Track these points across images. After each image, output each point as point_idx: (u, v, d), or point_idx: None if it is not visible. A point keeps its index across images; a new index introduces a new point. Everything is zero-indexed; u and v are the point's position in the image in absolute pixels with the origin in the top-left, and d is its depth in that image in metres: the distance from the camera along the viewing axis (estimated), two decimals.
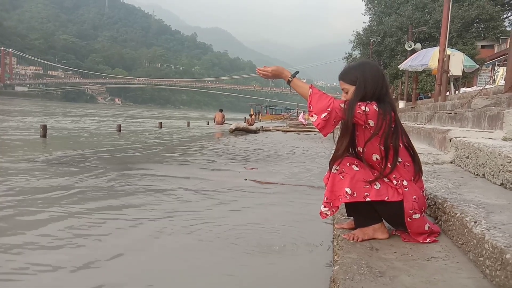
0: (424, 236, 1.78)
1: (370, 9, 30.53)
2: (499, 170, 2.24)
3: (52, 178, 4.03)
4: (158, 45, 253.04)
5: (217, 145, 9.32)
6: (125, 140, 9.67)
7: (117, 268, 1.87)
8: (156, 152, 7.09)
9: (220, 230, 2.47)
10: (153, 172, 4.66)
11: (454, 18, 20.55)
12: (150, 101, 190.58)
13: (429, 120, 6.83)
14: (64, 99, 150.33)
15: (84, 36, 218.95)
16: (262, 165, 5.94)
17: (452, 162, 3.28)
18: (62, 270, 1.81)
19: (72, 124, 15.55)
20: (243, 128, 15.12)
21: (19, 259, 1.92)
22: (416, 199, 1.77)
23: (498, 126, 3.64)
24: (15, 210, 2.75)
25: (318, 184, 4.23)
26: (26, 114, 22.28)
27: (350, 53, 32.48)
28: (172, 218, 2.74)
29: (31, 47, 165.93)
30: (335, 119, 1.84)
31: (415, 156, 1.90)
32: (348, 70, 1.95)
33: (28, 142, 7.86)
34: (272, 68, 2.05)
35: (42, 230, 2.35)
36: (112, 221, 2.61)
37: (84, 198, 3.22)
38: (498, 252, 1.25)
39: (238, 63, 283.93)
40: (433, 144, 4.51)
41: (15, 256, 1.95)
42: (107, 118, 23.99)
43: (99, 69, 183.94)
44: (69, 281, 1.73)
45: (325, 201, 1.85)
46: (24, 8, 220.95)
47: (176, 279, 1.80)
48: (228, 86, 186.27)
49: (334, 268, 1.54)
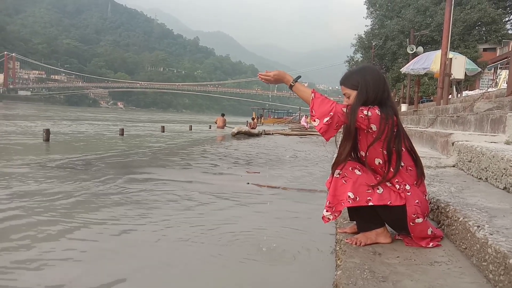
0: (427, 240, 1.77)
1: (372, 12, 30.61)
2: (502, 174, 2.24)
3: (54, 182, 4.04)
4: (161, 49, 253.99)
5: (220, 149, 9.33)
6: (128, 144, 9.69)
7: (112, 273, 1.87)
8: (158, 156, 7.10)
9: (222, 235, 2.47)
10: (155, 176, 4.67)
11: (456, 21, 20.57)
12: (152, 105, 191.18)
13: (431, 123, 6.82)
14: (67, 103, 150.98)
15: (86, 40, 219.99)
16: (264, 169, 5.94)
17: (455, 166, 3.27)
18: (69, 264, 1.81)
19: (75, 128, 15.60)
20: (245, 131, 15.14)
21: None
22: (418, 203, 1.77)
23: (501, 130, 3.63)
24: (26, 217, 2.76)
25: (320, 188, 4.23)
26: (29, 119, 22.36)
27: (352, 57, 32.55)
28: (173, 222, 2.74)
29: (34, 51, 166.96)
30: (338, 123, 1.84)
31: (418, 160, 1.90)
32: (349, 75, 1.95)
33: (31, 146, 7.89)
34: (274, 72, 2.05)
35: (48, 238, 2.36)
36: (110, 226, 2.61)
37: (85, 203, 3.22)
38: (502, 257, 1.24)
39: (240, 66, 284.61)
40: (435, 147, 4.50)
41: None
42: (109, 122, 24.05)
43: (102, 73, 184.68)
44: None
45: (328, 205, 1.85)
46: (27, 13, 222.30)
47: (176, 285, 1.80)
48: (230, 89, 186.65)
49: (337, 272, 1.54)
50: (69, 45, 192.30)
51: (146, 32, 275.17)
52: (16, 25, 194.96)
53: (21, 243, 2.19)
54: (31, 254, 2.05)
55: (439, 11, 23.15)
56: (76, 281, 1.75)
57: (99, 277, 1.80)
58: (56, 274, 1.82)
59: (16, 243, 2.19)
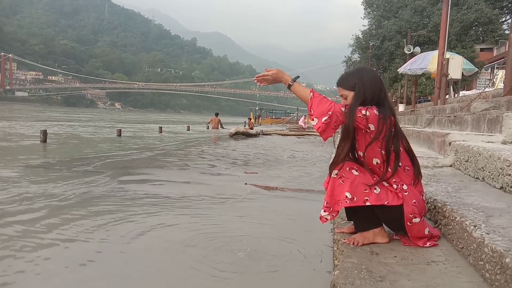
0: (424, 240, 1.78)
1: (369, 13, 30.67)
2: (499, 173, 2.25)
3: (51, 183, 4.02)
4: (158, 50, 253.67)
5: (217, 149, 9.32)
6: (126, 145, 9.67)
7: (104, 277, 1.87)
8: (156, 157, 7.09)
9: (220, 235, 2.47)
10: (153, 177, 4.66)
11: (453, 22, 20.63)
12: (150, 105, 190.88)
13: (428, 123, 6.84)
14: (64, 104, 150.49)
15: (84, 41, 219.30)
16: (262, 169, 5.94)
17: (452, 166, 3.28)
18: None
19: (72, 129, 15.56)
20: (243, 132, 15.14)
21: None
22: (416, 203, 1.78)
23: (498, 130, 3.65)
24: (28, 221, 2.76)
25: (318, 188, 4.23)
26: (27, 119, 22.29)
27: (350, 57, 32.62)
28: (171, 224, 2.74)
29: (31, 52, 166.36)
30: (336, 123, 1.85)
31: (415, 160, 1.91)
32: (346, 77, 1.96)
33: (28, 147, 7.87)
34: (272, 72, 2.06)
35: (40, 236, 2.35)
36: (104, 227, 2.61)
37: (82, 203, 3.21)
38: (498, 256, 1.25)
39: (237, 67, 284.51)
40: (432, 147, 4.52)
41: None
42: (107, 123, 23.99)
43: (99, 74, 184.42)
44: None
45: (325, 205, 1.85)
46: (24, 14, 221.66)
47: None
48: (228, 90, 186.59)
49: (335, 272, 1.54)
50: (66, 46, 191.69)
51: (143, 32, 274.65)
52: (13, 26, 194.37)
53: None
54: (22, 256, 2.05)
55: (436, 12, 23.23)
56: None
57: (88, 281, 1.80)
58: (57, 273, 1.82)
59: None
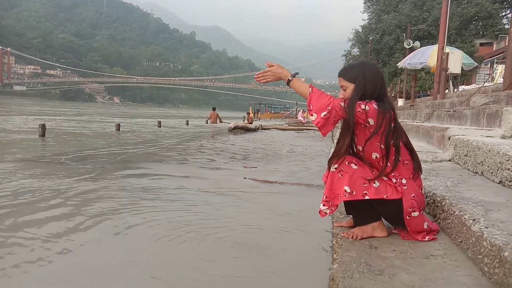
0: (423, 234, 1.78)
1: (369, 7, 30.58)
2: (498, 168, 2.25)
3: (49, 177, 4.02)
4: (157, 44, 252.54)
5: (216, 143, 9.32)
6: (124, 139, 9.66)
7: (106, 269, 1.87)
8: (155, 151, 7.09)
9: (219, 230, 2.47)
10: (152, 172, 4.66)
11: (452, 16, 20.57)
12: (149, 99, 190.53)
13: (428, 118, 6.84)
14: (62, 98, 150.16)
15: (82, 35, 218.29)
16: (261, 164, 5.94)
17: (451, 160, 3.29)
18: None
19: (71, 124, 15.52)
20: (242, 126, 15.13)
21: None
22: (415, 197, 1.78)
23: (497, 124, 3.64)
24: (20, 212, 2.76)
25: (317, 182, 4.24)
26: (25, 114, 22.23)
27: (349, 51, 32.53)
28: (170, 218, 2.74)
29: (29, 46, 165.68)
30: (335, 117, 1.84)
31: (414, 154, 1.90)
32: (349, 68, 1.96)
33: (27, 141, 7.85)
34: (272, 68, 2.04)
35: (40, 227, 2.35)
36: (105, 221, 2.61)
37: (81, 198, 3.22)
38: (497, 250, 1.25)
39: (237, 61, 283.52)
40: (432, 142, 4.52)
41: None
42: (106, 117, 23.94)
43: (98, 68, 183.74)
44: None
45: (324, 199, 1.85)
46: (22, 7, 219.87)
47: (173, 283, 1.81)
48: (227, 84, 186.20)
49: (333, 266, 1.55)
50: (65, 40, 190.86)
51: (142, 26, 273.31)
52: (11, 19, 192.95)
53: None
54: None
55: (436, 6, 23.16)
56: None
57: (92, 272, 1.80)
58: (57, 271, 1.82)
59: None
